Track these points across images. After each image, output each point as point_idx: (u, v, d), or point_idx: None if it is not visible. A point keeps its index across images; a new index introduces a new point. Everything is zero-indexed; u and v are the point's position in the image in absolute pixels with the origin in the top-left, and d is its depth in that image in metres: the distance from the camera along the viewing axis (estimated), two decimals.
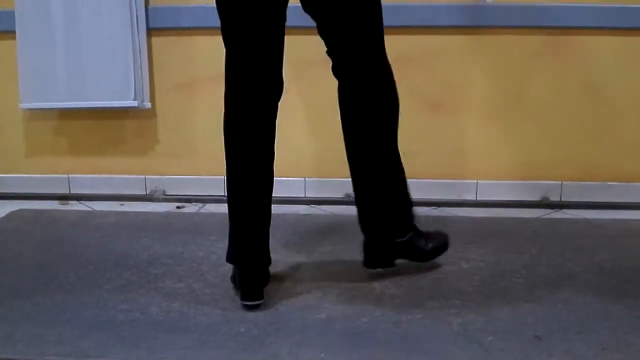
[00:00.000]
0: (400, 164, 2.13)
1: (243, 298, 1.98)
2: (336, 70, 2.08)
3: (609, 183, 2.88)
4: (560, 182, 2.89)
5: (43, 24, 2.80)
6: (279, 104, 2.05)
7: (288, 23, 2.85)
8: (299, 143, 2.94)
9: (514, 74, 2.82)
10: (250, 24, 1.94)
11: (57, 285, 2.12)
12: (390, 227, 2.16)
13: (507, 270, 2.19)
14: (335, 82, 2.85)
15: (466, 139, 2.90)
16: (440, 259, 2.25)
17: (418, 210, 2.75)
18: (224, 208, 2.86)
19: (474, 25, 2.77)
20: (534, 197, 2.90)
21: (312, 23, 2.81)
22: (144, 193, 3.04)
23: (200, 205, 2.96)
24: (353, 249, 2.32)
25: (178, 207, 2.94)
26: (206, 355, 1.72)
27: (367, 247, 2.18)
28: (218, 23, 2.82)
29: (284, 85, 2.02)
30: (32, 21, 2.80)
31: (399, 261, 2.21)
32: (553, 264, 2.24)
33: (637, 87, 2.79)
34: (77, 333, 1.82)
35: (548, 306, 1.95)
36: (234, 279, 2.06)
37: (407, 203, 2.18)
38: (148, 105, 2.90)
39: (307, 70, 2.87)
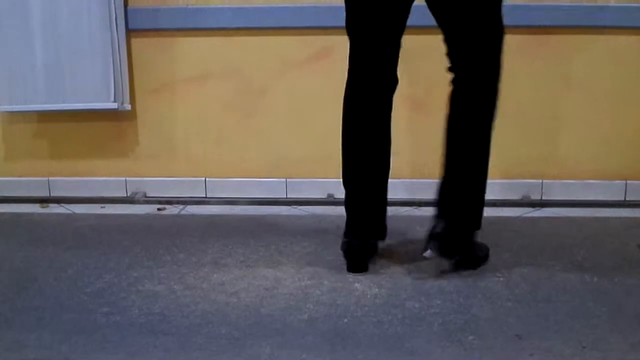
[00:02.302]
0: (487, 166, 2.21)
1: (348, 269, 2.19)
2: (454, 68, 2.19)
3: (589, 181, 2.89)
4: (541, 181, 2.90)
5: (21, 25, 2.77)
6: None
7: (268, 24, 2.87)
8: (279, 143, 2.94)
9: None
10: (377, 20, 2.11)
11: (36, 288, 2.11)
12: (472, 216, 2.20)
13: (488, 270, 2.20)
14: (315, 82, 2.87)
15: None
16: (422, 259, 2.26)
17: (400, 211, 2.77)
18: (204, 210, 2.89)
19: None
20: (515, 195, 2.91)
21: (295, 24, 2.84)
22: (125, 195, 3.02)
23: (181, 207, 2.95)
24: (335, 250, 2.32)
25: (159, 209, 2.93)
26: (187, 357, 1.72)
27: (442, 236, 2.16)
28: (198, 24, 2.86)
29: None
30: (10, 22, 2.78)
31: (380, 262, 2.23)
32: (534, 263, 2.25)
33: (616, 85, 2.81)
34: (57, 337, 1.81)
35: (528, 305, 1.96)
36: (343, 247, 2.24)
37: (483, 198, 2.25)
38: (128, 107, 2.89)
39: (288, 71, 2.87)
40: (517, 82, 2.82)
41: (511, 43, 2.79)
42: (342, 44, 2.87)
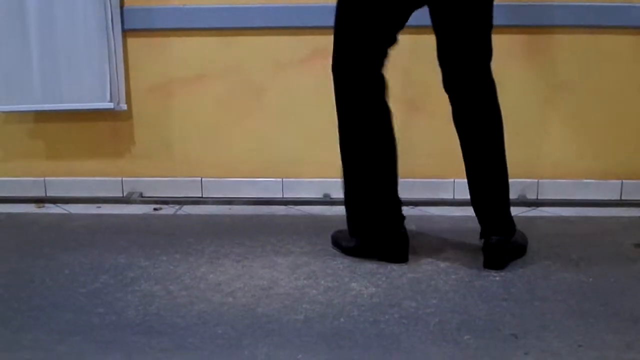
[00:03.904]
0: (506, 168, 2.27)
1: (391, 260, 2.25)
2: (446, 84, 2.27)
3: (585, 181, 2.90)
4: (537, 181, 2.91)
5: (17, 25, 2.77)
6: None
7: (264, 24, 2.87)
8: (275, 143, 2.94)
9: None
10: (373, 18, 2.15)
11: (32, 289, 2.11)
12: (506, 226, 2.27)
13: (484, 269, 2.20)
14: (311, 82, 2.87)
15: (443, 138, 2.89)
16: (418, 258, 2.28)
17: None
18: (201, 210, 2.88)
19: None
20: (511, 195, 2.89)
21: (291, 23, 2.84)
22: (121, 195, 3.02)
23: (177, 207, 2.95)
24: (331, 250, 2.32)
25: (155, 209, 2.93)
26: (183, 357, 1.72)
27: (488, 249, 2.23)
28: (194, 24, 2.85)
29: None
30: (6, 23, 2.78)
31: (377, 261, 2.24)
32: (529, 262, 2.25)
33: (608, 85, 2.81)
34: (53, 337, 1.81)
35: (524, 304, 1.97)
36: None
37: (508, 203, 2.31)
38: (124, 107, 2.89)
39: (283, 71, 2.87)
40: (510, 82, 2.82)
41: (501, 44, 2.80)
42: None
